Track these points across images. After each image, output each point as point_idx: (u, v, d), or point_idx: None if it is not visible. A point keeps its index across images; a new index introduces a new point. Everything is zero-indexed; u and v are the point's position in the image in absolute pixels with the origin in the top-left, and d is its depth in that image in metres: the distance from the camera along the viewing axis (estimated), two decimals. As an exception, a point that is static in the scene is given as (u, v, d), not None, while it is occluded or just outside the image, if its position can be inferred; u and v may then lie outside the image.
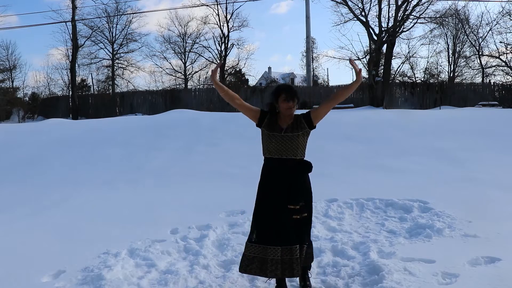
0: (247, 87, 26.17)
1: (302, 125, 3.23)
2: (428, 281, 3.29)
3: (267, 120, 3.26)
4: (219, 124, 12.06)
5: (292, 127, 3.21)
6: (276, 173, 3.21)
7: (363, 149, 9.31)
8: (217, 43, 30.43)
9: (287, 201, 3.15)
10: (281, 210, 3.14)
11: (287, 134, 3.18)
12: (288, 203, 3.14)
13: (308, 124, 3.24)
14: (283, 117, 3.24)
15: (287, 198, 3.15)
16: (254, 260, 3.15)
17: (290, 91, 3.20)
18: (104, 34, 30.70)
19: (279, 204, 3.16)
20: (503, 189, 6.22)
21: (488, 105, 20.39)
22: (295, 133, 3.19)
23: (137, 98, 25.78)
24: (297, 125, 3.22)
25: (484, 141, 9.85)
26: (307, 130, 3.24)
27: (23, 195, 6.98)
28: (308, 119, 3.25)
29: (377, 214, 5.40)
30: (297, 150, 3.19)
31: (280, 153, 3.18)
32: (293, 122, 3.24)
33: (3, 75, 31.91)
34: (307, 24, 24.46)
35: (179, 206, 5.94)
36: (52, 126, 13.56)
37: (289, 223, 3.13)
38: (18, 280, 3.55)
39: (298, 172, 3.22)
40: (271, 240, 3.12)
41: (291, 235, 3.12)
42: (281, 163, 3.19)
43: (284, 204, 3.15)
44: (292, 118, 3.25)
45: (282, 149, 3.18)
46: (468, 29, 28.76)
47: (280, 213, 3.14)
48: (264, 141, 3.27)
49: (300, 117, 3.27)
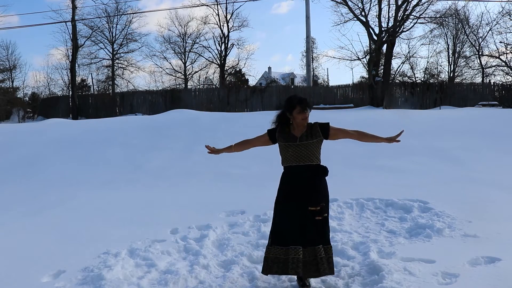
0: (247, 87, 26.14)
1: (317, 133, 3.35)
2: (428, 281, 3.29)
3: (279, 133, 3.40)
4: (219, 124, 12.07)
5: (307, 135, 3.33)
6: (295, 178, 3.33)
7: (363, 149, 9.30)
8: (217, 43, 30.48)
9: (308, 203, 3.24)
10: (302, 213, 3.23)
11: (302, 142, 3.31)
12: (309, 205, 3.23)
13: (324, 134, 3.37)
14: (296, 127, 3.36)
15: (307, 200, 3.24)
16: (275, 261, 3.22)
17: (304, 103, 3.33)
18: (104, 34, 30.74)
19: (300, 206, 3.24)
20: (503, 189, 6.22)
21: (488, 105, 20.40)
22: (310, 141, 3.31)
23: (137, 98, 25.76)
24: (312, 133, 3.35)
25: (484, 141, 9.85)
26: (321, 138, 3.37)
27: (23, 195, 6.98)
28: (325, 130, 3.37)
29: (377, 214, 5.40)
30: (313, 157, 3.32)
31: (298, 161, 3.32)
32: (307, 130, 3.36)
33: (3, 75, 31.93)
34: (307, 24, 24.45)
35: (179, 206, 5.94)
36: (52, 126, 13.57)
37: (311, 225, 3.21)
38: (18, 280, 3.55)
39: (315, 176, 3.33)
40: (291, 240, 3.19)
41: (314, 236, 3.20)
42: (299, 169, 3.32)
43: (305, 207, 3.23)
44: (305, 127, 3.37)
45: (299, 157, 3.31)
46: (468, 29, 28.81)
47: (301, 215, 3.23)
48: (282, 152, 3.40)
49: (316, 126, 3.38)
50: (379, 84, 19.50)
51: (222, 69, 30.25)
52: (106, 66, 32.05)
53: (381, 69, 20.42)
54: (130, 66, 32.23)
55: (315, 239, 3.20)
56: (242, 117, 12.83)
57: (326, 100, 23.24)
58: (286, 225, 3.24)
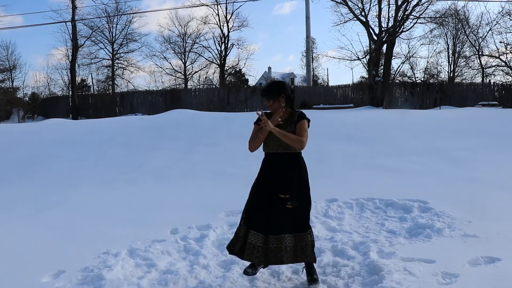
0: (247, 87, 26.16)
1: (295, 122, 3.34)
2: (428, 281, 3.28)
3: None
4: (219, 124, 12.06)
5: (287, 123, 3.33)
6: (272, 165, 3.34)
7: (363, 149, 9.31)
8: (217, 43, 30.50)
9: (278, 190, 3.24)
10: (273, 199, 3.24)
11: (281, 130, 3.27)
12: (280, 192, 3.23)
13: (295, 124, 3.34)
14: (275, 115, 3.33)
15: (279, 187, 3.25)
16: (239, 240, 3.28)
17: (264, 93, 3.41)
18: (104, 34, 30.76)
19: (271, 193, 3.25)
20: (503, 189, 6.22)
21: (488, 105, 20.40)
22: (289, 129, 3.29)
23: (137, 98, 25.78)
24: (292, 121, 3.34)
25: (484, 141, 9.85)
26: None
27: (23, 195, 6.98)
28: (297, 122, 3.34)
29: (377, 214, 5.40)
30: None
31: (277, 148, 3.32)
32: (287, 118, 3.36)
33: (3, 75, 31.94)
34: (307, 24, 24.47)
35: (179, 206, 5.94)
36: (52, 126, 13.56)
37: (281, 212, 3.21)
38: (18, 280, 3.55)
39: (294, 164, 3.32)
40: (256, 226, 3.22)
41: (281, 224, 3.21)
42: (277, 156, 3.33)
43: (276, 193, 3.24)
44: (288, 113, 3.38)
45: (277, 144, 3.31)
46: (468, 29, 28.82)
47: (271, 203, 3.24)
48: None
49: (296, 115, 3.37)
50: (379, 84, 19.50)
51: (222, 69, 30.26)
52: (106, 66, 32.08)
53: (381, 69, 20.42)
54: (130, 66, 32.31)
55: (282, 228, 3.20)
56: (242, 117, 12.82)
57: (326, 100, 23.25)
58: (255, 210, 3.26)
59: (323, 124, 11.55)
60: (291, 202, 3.21)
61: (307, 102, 22.09)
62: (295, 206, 3.22)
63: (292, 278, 3.53)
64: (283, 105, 3.35)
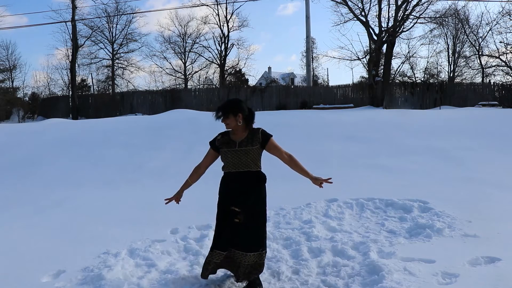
0: (247, 87, 26.13)
1: (258, 140, 3.28)
2: (428, 281, 3.28)
3: (219, 142, 3.35)
4: (219, 124, 12.03)
5: (247, 141, 3.27)
6: (232, 184, 3.30)
7: (363, 149, 9.31)
8: (217, 43, 30.45)
9: (232, 203, 3.25)
10: (227, 214, 3.26)
11: (242, 148, 3.25)
12: (232, 205, 3.24)
13: (262, 143, 3.29)
14: (235, 132, 3.31)
15: (233, 201, 3.25)
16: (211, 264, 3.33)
17: (218, 112, 3.30)
18: (104, 34, 30.73)
19: (227, 208, 3.27)
20: (503, 189, 6.22)
21: (488, 105, 20.39)
22: (249, 147, 3.25)
23: (137, 98, 25.75)
24: (253, 139, 3.28)
25: (484, 141, 9.85)
26: (259, 147, 3.29)
27: (23, 195, 6.98)
28: (264, 140, 3.29)
29: (377, 214, 5.40)
30: (252, 163, 3.26)
31: (236, 167, 3.27)
32: (247, 136, 3.30)
33: (3, 75, 31.90)
34: (307, 24, 24.45)
35: (179, 206, 5.90)
36: (52, 126, 13.56)
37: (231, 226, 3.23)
38: (18, 280, 3.55)
39: (253, 183, 3.29)
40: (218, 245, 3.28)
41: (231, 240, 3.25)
42: (237, 176, 3.28)
43: (229, 207, 3.25)
44: (246, 131, 3.31)
45: (237, 163, 3.26)
46: (468, 29, 28.80)
47: (226, 216, 3.27)
48: (222, 158, 3.35)
49: (258, 133, 3.31)
50: (379, 84, 19.51)
51: (222, 69, 30.23)
52: (106, 66, 32.05)
53: (381, 69, 20.42)
54: (130, 66, 32.26)
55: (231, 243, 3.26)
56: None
57: (326, 100, 23.22)
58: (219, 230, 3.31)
59: (323, 124, 11.55)
60: (238, 216, 3.21)
61: (307, 102, 22.08)
62: (242, 221, 3.21)
63: (292, 278, 3.52)
64: (239, 124, 3.27)
